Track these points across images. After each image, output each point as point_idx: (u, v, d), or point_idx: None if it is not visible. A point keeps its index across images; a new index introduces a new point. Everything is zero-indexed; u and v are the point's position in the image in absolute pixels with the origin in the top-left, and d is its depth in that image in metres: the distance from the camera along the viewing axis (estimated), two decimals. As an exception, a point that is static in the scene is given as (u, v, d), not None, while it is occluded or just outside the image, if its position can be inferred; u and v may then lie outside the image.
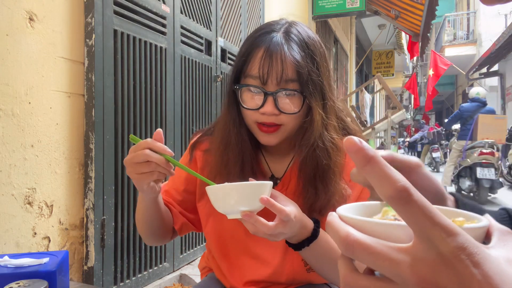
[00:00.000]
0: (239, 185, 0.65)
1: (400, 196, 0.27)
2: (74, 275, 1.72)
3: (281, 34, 0.79)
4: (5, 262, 0.70)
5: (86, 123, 1.75)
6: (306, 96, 0.77)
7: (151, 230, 0.87)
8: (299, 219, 0.69)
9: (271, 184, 0.68)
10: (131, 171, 0.71)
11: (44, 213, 1.58)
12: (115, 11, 1.86)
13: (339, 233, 0.30)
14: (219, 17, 2.91)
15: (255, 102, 0.78)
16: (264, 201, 0.64)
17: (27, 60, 1.49)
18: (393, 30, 10.28)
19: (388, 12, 6.68)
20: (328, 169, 0.78)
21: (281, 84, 0.77)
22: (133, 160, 0.69)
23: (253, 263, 0.86)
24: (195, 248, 2.63)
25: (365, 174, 0.29)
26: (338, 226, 0.30)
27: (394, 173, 0.28)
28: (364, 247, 0.28)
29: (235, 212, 0.66)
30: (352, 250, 0.29)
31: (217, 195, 0.67)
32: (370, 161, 0.28)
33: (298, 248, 0.74)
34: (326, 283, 0.91)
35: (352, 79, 8.89)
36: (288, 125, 0.79)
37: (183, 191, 0.93)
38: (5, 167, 1.43)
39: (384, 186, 0.27)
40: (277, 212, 0.65)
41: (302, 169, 0.80)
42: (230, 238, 0.88)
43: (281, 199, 0.71)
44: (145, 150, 0.69)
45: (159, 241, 0.93)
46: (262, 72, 0.76)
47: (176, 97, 2.37)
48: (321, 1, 5.33)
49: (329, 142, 0.79)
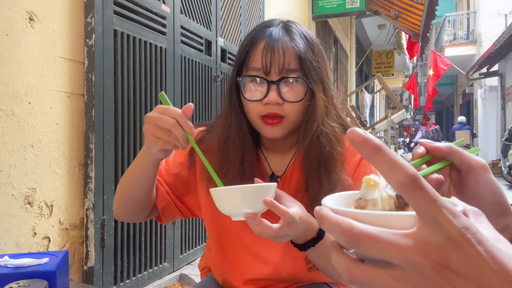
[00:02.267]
0: (242, 188, 0.65)
1: (412, 183, 0.27)
2: (74, 275, 1.72)
3: (280, 28, 0.81)
4: (5, 262, 0.70)
5: (86, 123, 1.75)
6: (309, 83, 0.78)
7: (134, 197, 0.83)
8: (304, 220, 0.69)
9: (275, 186, 0.68)
10: (150, 130, 0.69)
11: (44, 213, 1.58)
12: (115, 11, 1.86)
13: (341, 226, 0.29)
14: (219, 17, 2.91)
15: (259, 94, 0.79)
16: (268, 204, 0.64)
17: (27, 60, 1.49)
18: (393, 30, 10.28)
19: (388, 12, 6.68)
20: (331, 157, 0.78)
21: (284, 73, 0.78)
22: (157, 122, 0.68)
23: (253, 261, 0.86)
24: (195, 248, 2.63)
25: (374, 164, 0.29)
26: (337, 219, 0.30)
27: (403, 161, 0.29)
28: (370, 237, 0.28)
29: (239, 214, 0.66)
30: (357, 241, 0.28)
31: (221, 198, 0.67)
32: (379, 150, 0.29)
33: (304, 248, 0.74)
34: (327, 282, 0.91)
35: (352, 79, 8.89)
36: (291, 117, 0.79)
37: (174, 175, 0.91)
38: (5, 167, 1.43)
39: (395, 174, 0.28)
40: (281, 214, 0.65)
41: (307, 158, 0.80)
42: (229, 236, 0.88)
43: (286, 199, 0.71)
44: (172, 119, 0.67)
45: (136, 215, 0.88)
46: (264, 62, 0.77)
47: (176, 97, 2.37)
48: (321, 1, 5.33)
49: (331, 130, 0.80)
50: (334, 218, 0.30)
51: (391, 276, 0.28)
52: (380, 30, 10.14)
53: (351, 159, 0.84)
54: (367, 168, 0.84)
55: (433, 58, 10.50)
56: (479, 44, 12.75)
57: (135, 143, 2.00)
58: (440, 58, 10.50)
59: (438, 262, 0.27)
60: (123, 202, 0.85)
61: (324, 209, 0.32)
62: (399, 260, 0.28)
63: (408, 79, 13.56)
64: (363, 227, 0.29)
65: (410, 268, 0.28)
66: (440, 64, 10.27)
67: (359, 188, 0.36)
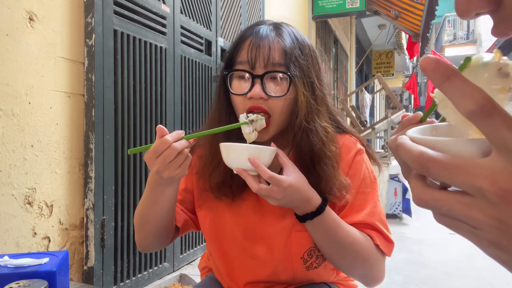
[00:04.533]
0: (239, 146, 0.73)
1: (482, 110, 0.27)
2: (74, 275, 1.72)
3: (270, 26, 0.83)
4: (5, 262, 0.70)
5: (86, 123, 1.75)
6: (293, 79, 0.78)
7: (162, 226, 0.85)
8: (297, 189, 0.72)
9: (271, 150, 0.73)
10: (170, 171, 0.72)
11: (44, 213, 1.58)
12: (115, 11, 1.86)
13: (412, 153, 0.30)
14: (219, 17, 2.91)
15: (244, 88, 0.80)
16: (251, 162, 0.70)
17: (27, 60, 1.49)
18: (393, 30, 10.27)
19: (388, 12, 6.68)
20: (323, 155, 0.79)
21: (269, 67, 0.78)
22: (167, 161, 0.70)
23: (252, 263, 0.86)
24: (195, 248, 2.63)
25: (444, 92, 0.29)
26: (410, 146, 0.31)
27: (475, 87, 0.28)
28: (438, 163, 0.29)
29: (233, 167, 0.74)
30: (426, 167, 0.29)
31: (223, 151, 0.75)
32: (450, 77, 0.29)
33: (302, 220, 0.77)
34: (326, 282, 0.91)
35: (352, 79, 8.89)
36: (276, 115, 0.79)
37: (183, 190, 0.94)
38: (5, 167, 1.43)
39: (466, 102, 0.28)
40: (261, 173, 0.70)
41: (299, 157, 0.81)
42: (228, 240, 0.88)
43: (288, 168, 0.74)
44: (171, 145, 0.70)
45: (162, 241, 0.91)
46: (250, 56, 0.78)
47: (176, 97, 2.37)
48: (321, 1, 5.33)
49: (321, 129, 0.80)
50: (408, 145, 0.31)
51: (459, 202, 0.29)
52: (380, 30, 10.14)
53: (344, 158, 0.85)
54: (362, 166, 0.85)
55: (433, 58, 10.47)
56: (479, 44, 12.76)
57: (135, 143, 2.00)
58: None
59: (506, 189, 0.26)
60: (149, 234, 0.87)
61: (403, 137, 0.32)
62: (467, 187, 0.28)
63: (408, 79, 13.55)
64: (432, 153, 0.29)
65: (478, 195, 0.27)
66: (440, 64, 10.24)
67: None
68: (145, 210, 0.83)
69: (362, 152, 0.87)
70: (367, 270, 0.82)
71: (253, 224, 0.85)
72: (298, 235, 0.82)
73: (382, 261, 0.84)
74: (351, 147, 0.86)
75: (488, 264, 3.14)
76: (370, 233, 0.82)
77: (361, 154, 0.86)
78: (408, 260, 3.25)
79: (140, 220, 0.85)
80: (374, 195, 0.85)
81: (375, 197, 0.85)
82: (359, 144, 0.88)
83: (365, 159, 0.87)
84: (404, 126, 0.52)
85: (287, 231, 0.83)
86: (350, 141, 0.87)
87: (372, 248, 0.81)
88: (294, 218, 0.80)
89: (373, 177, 0.87)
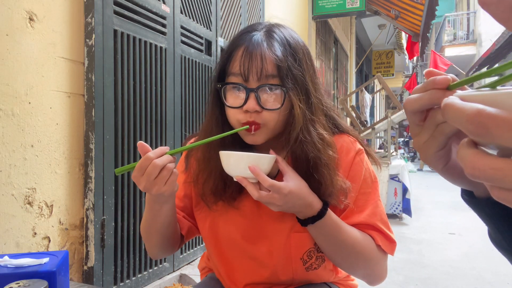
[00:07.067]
0: (239, 154, 0.73)
1: None
2: (74, 275, 1.72)
3: (263, 32, 0.80)
4: (5, 262, 0.70)
5: (86, 123, 1.75)
6: (287, 91, 0.77)
7: (165, 238, 0.87)
8: (297, 195, 0.73)
9: (271, 157, 0.74)
10: (157, 187, 0.72)
11: (44, 213, 1.58)
12: (115, 11, 1.86)
13: (465, 112, 0.25)
14: (219, 17, 2.91)
15: (238, 101, 0.78)
16: (251, 170, 0.70)
17: (27, 60, 1.49)
18: (393, 30, 10.27)
19: (388, 12, 6.68)
20: (319, 162, 0.78)
21: (262, 80, 0.77)
22: (151, 178, 0.71)
23: (251, 265, 0.87)
24: (195, 248, 2.63)
25: None
26: (462, 105, 0.25)
27: None
28: (502, 122, 0.23)
29: (233, 175, 0.75)
30: (486, 127, 0.24)
31: (223, 159, 0.76)
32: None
33: (304, 224, 0.78)
34: (326, 282, 0.91)
35: (352, 79, 8.89)
36: (269, 124, 0.79)
37: (183, 197, 0.94)
38: (5, 167, 1.43)
39: None
40: (262, 181, 0.71)
41: (296, 162, 0.81)
42: (227, 242, 0.88)
43: (288, 175, 0.75)
44: (152, 162, 0.70)
45: (169, 250, 0.92)
46: (243, 69, 0.77)
47: (176, 97, 2.37)
48: (321, 1, 5.33)
49: (317, 137, 0.79)
50: (459, 104, 0.26)
51: None
52: (380, 30, 10.14)
53: (344, 160, 0.84)
54: (362, 167, 0.84)
55: (433, 58, 10.49)
56: (479, 44, 12.76)
57: (135, 143, 2.00)
58: (440, 58, 10.49)
59: None
60: (157, 245, 0.89)
61: (450, 98, 0.27)
62: None
63: (408, 79, 13.56)
64: (492, 111, 0.24)
65: None
66: (440, 64, 10.26)
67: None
68: (146, 224, 0.85)
69: (361, 153, 0.86)
70: (369, 270, 0.82)
71: (252, 225, 0.85)
72: (297, 236, 0.82)
73: (384, 260, 0.84)
74: (350, 148, 0.85)
75: (487, 264, 3.14)
76: (371, 234, 0.82)
77: (360, 154, 0.86)
78: (408, 260, 3.25)
79: (145, 233, 0.88)
80: (375, 195, 0.85)
81: (376, 197, 0.85)
82: (358, 144, 0.87)
83: (364, 159, 0.86)
84: (427, 89, 0.38)
85: (286, 232, 0.83)
86: (349, 142, 0.86)
87: (374, 248, 0.81)
88: (293, 219, 0.80)
89: (374, 177, 0.86)
